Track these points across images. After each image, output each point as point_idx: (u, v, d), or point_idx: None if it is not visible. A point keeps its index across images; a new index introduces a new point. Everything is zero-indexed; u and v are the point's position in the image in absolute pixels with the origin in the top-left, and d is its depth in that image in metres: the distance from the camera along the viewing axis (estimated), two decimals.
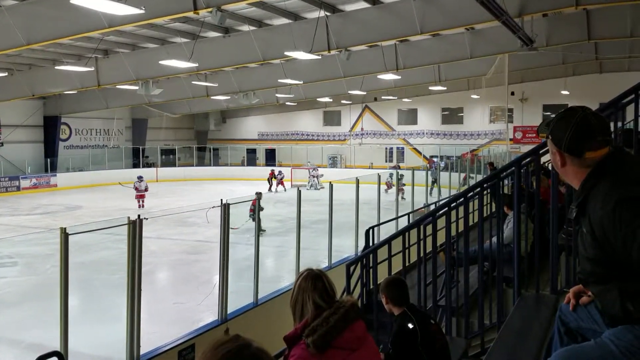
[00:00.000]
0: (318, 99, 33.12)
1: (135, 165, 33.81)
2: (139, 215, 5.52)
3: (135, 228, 5.47)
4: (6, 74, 20.59)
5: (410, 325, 3.20)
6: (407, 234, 4.87)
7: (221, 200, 7.05)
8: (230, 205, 7.02)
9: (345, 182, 14.80)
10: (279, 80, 21.69)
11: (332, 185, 10.51)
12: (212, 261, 12.40)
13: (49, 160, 29.29)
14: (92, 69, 18.58)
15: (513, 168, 4.08)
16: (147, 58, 18.37)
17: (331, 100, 34.35)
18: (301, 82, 22.38)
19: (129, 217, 5.46)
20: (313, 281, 2.33)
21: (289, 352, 2.20)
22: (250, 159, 38.12)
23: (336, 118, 38.27)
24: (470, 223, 5.28)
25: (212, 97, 26.50)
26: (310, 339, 2.12)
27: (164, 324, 8.19)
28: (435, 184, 22.39)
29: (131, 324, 5.38)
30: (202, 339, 5.95)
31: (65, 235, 4.96)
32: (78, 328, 5.85)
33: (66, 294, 4.96)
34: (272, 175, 28.97)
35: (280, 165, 34.78)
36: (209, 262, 12.24)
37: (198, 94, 25.32)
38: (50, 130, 29.86)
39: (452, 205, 4.29)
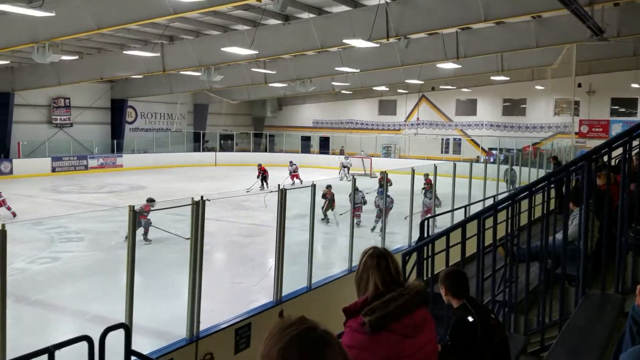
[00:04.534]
0: (374, 88, 32.88)
1: (196, 149, 34.86)
2: (202, 197, 5.71)
3: (198, 209, 5.67)
4: (77, 57, 21.58)
5: (470, 319, 3.15)
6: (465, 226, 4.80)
7: (278, 185, 7.19)
8: (287, 191, 7.14)
9: (399, 172, 14.67)
10: (336, 68, 21.67)
11: (386, 174, 10.48)
12: (267, 244, 12.66)
13: (115, 141, 30.57)
14: (158, 54, 19.20)
15: (583, 162, 3.94)
16: (209, 45, 18.79)
17: (387, 89, 34.01)
18: (358, 71, 22.29)
19: (192, 198, 5.66)
20: (377, 259, 2.36)
21: (346, 322, 2.25)
22: (305, 146, 38.40)
23: (391, 107, 37.86)
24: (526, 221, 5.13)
25: (269, 84, 26.85)
26: (367, 318, 2.16)
27: (220, 302, 8.47)
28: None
29: (192, 301, 5.59)
30: (258, 318, 6.11)
31: (133, 212, 5.22)
32: (139, 303, 6.14)
33: (132, 269, 5.21)
34: (263, 171, 23.22)
35: (334, 154, 34.79)
36: (264, 245, 12.51)
37: (256, 81, 25.71)
38: (117, 113, 31.08)
39: (515, 198, 4.19)
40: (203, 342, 5.47)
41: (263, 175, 22.76)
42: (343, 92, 34.13)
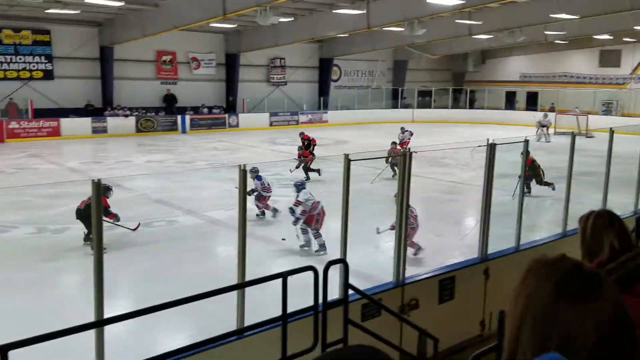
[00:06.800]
0: (594, 37, 29.09)
1: (394, 106, 35.33)
2: (409, 149, 5.88)
3: (405, 161, 5.88)
4: (292, 19, 23.28)
5: None
6: None
7: (487, 139, 6.97)
8: (497, 146, 6.88)
9: (621, 132, 12.91)
10: (551, 15, 19.72)
11: (612, 131, 9.37)
12: (467, 202, 12.49)
13: (322, 98, 32.69)
14: (364, 11, 19.69)
15: None
16: None
17: (611, 37, 29.75)
18: (577, 17, 19.92)
19: (403, 149, 5.88)
20: (609, 219, 2.26)
21: None
22: (509, 102, 36.08)
23: (614, 58, 33.15)
24: None
25: (474, 36, 25.60)
26: None
27: (423, 253, 8.76)
28: None
29: (398, 248, 5.89)
30: (461, 273, 6.17)
31: (347, 161, 5.64)
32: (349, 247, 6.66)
33: (346, 214, 5.64)
34: (308, 139, 17.65)
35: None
36: (464, 203, 12.36)
37: (460, 33, 24.79)
38: (324, 71, 33.06)
39: None
40: (408, 288, 5.74)
41: (307, 145, 17.53)
42: (557, 42, 30.92)
